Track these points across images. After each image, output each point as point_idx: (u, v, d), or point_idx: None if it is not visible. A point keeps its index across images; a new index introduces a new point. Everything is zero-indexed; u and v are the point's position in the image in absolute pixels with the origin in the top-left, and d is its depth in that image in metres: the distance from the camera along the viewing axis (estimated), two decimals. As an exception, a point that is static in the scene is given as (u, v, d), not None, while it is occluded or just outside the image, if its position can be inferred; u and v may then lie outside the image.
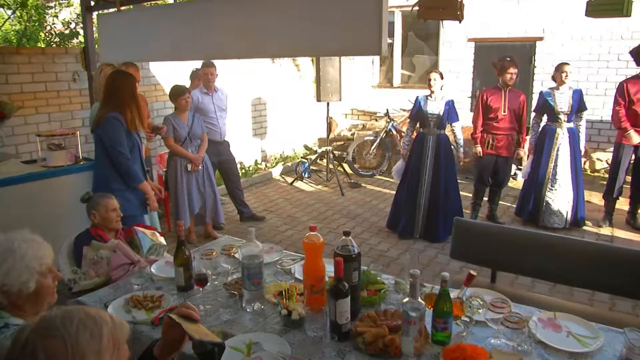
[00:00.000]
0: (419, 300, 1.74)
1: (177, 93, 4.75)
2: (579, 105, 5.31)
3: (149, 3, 4.56)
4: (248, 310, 2.10)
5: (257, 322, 2.03)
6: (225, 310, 2.08)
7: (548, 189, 5.44)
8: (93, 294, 2.34)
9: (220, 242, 2.98)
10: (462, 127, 5.44)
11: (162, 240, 3.13)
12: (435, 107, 5.11)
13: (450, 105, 5.16)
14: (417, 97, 5.28)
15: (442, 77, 5.19)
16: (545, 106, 5.41)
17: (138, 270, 2.60)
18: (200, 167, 4.90)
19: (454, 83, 8.67)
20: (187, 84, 5.26)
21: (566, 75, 5.25)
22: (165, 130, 4.69)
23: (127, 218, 3.15)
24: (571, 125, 5.36)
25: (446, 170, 5.17)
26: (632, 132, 5.20)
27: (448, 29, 8.86)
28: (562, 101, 5.29)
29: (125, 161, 3.37)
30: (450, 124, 5.25)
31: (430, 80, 5.14)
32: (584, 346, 1.80)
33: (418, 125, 5.30)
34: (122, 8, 4.13)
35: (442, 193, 5.13)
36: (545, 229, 5.28)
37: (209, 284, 2.24)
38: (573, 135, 5.36)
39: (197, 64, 5.67)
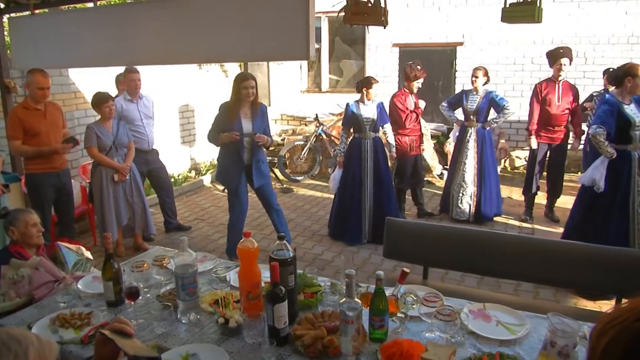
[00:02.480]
0: (356, 300, 1.77)
1: (100, 101, 4.56)
2: (488, 106, 5.65)
3: (66, 7, 4.36)
4: (183, 321, 2.05)
5: (194, 332, 1.98)
6: (160, 323, 2.02)
7: (456, 184, 5.76)
8: (14, 315, 2.20)
9: (152, 254, 2.89)
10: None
11: (88, 254, 3.00)
12: (368, 111, 5.21)
13: (381, 108, 5.30)
14: (348, 103, 5.36)
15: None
16: (459, 105, 5.79)
17: (63, 287, 2.47)
18: (127, 177, 4.74)
19: (380, 87, 8.88)
20: (111, 90, 5.05)
21: (475, 80, 5.60)
22: (81, 143, 4.49)
23: None
24: (480, 125, 5.70)
25: (385, 173, 5.33)
26: (532, 138, 5.66)
27: (373, 34, 9.08)
28: (473, 102, 5.62)
29: None
30: (382, 126, 5.39)
31: (371, 91, 5.24)
32: (512, 333, 1.89)
33: (352, 130, 5.39)
34: (37, 11, 3.92)
35: (385, 195, 5.26)
36: (454, 221, 5.71)
37: (141, 297, 2.17)
38: (482, 135, 5.68)
39: (121, 69, 5.47)
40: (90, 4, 3.91)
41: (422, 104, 5.73)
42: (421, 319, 1.94)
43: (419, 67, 5.51)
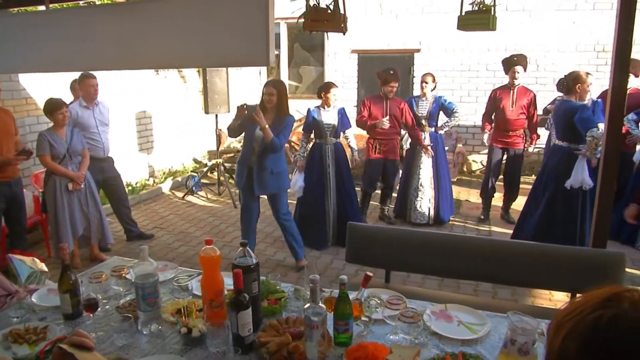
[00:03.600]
0: (320, 304, 1.77)
1: (53, 107, 4.42)
2: (438, 111, 5.80)
3: (16, 9, 4.21)
4: (145, 332, 2.00)
5: (155, 344, 1.94)
6: (120, 335, 1.96)
7: (413, 189, 5.85)
8: (-37, 332, 2.10)
9: (110, 264, 2.81)
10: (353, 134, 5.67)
11: (42, 266, 2.89)
12: (329, 116, 5.24)
13: (342, 114, 5.34)
14: (309, 108, 5.38)
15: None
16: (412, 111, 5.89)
17: (17, 301, 2.37)
18: (82, 186, 4.60)
19: (339, 93, 8.95)
20: (65, 96, 4.89)
21: (425, 85, 5.73)
22: (34, 153, 4.35)
23: None
24: (432, 130, 5.82)
25: (348, 178, 5.35)
26: (485, 134, 5.99)
27: (332, 40, 9.14)
28: (423, 107, 5.74)
29: None
30: (344, 132, 5.43)
31: (330, 95, 5.25)
32: (473, 333, 1.93)
33: (312, 136, 5.41)
34: (-16, 15, 3.77)
35: (347, 199, 5.29)
36: (412, 225, 5.81)
37: (99, 308, 2.10)
38: (435, 139, 5.82)
39: (76, 75, 5.32)
40: (42, 7, 3.79)
41: (384, 122, 5.53)
42: (385, 322, 1.96)
43: (391, 72, 5.57)
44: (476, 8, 3.76)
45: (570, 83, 4.52)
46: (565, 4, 8.08)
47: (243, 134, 4.51)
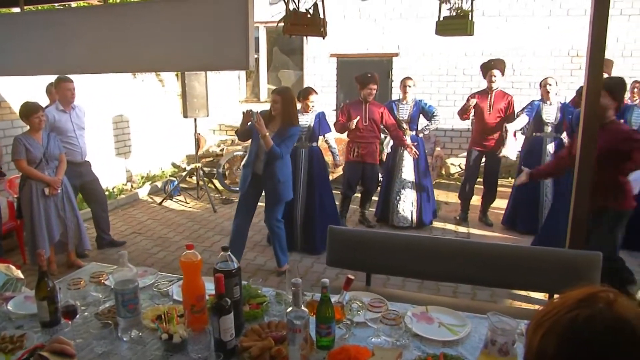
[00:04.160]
0: (303, 308, 1.77)
1: (30, 111, 4.34)
2: (419, 114, 5.84)
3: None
4: (125, 339, 1.98)
5: (136, 350, 1.92)
6: (100, 342, 1.93)
7: (395, 192, 5.88)
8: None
9: (88, 270, 2.76)
10: (333, 138, 5.70)
11: (18, 273, 2.83)
12: (305, 120, 5.25)
13: (320, 118, 5.34)
14: None
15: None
16: (392, 115, 5.91)
17: (-8, 309, 2.33)
18: (59, 191, 4.53)
19: (319, 97, 8.99)
20: (40, 99, 4.81)
21: (407, 89, 5.78)
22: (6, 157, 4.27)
23: None
24: (413, 133, 5.87)
25: (320, 182, 5.32)
26: (472, 100, 5.84)
27: (311, 44, 9.18)
28: (404, 111, 5.79)
29: None
30: (323, 135, 5.44)
31: (309, 103, 5.26)
32: (454, 334, 1.96)
33: None
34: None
35: (318, 205, 5.26)
36: (394, 228, 5.82)
37: (78, 315, 2.07)
38: (416, 142, 5.87)
39: (52, 78, 5.23)
40: (17, 9, 3.72)
41: (353, 122, 5.65)
42: (367, 325, 1.97)
43: (369, 75, 5.61)
44: (454, 13, 3.81)
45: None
46: (540, 10, 8.23)
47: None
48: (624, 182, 3.57)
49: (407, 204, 5.89)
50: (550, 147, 5.52)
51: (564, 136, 5.44)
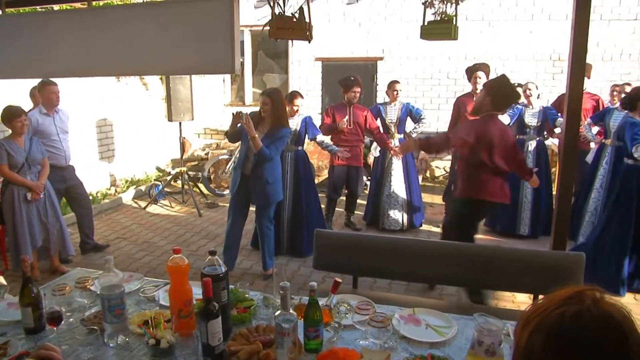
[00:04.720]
0: (291, 311, 1.78)
1: (12, 115, 4.28)
2: (407, 117, 5.90)
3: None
4: (111, 345, 1.96)
5: (123, 356, 1.90)
6: (86, 348, 1.92)
7: (385, 196, 5.91)
8: None
9: (73, 276, 2.74)
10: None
11: (1, 280, 2.80)
12: (291, 124, 5.23)
13: (307, 121, 5.33)
14: None
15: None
16: (380, 118, 5.95)
17: (-26, 316, 2.29)
18: (41, 196, 4.48)
19: (304, 100, 9.00)
20: (23, 103, 4.74)
21: (397, 93, 5.82)
22: None
23: None
24: (402, 136, 5.92)
25: (307, 186, 5.32)
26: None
27: (296, 48, 9.19)
28: (392, 114, 5.83)
29: None
30: (315, 138, 5.44)
31: (294, 106, 5.25)
32: (441, 335, 1.97)
33: None
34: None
35: (304, 208, 5.26)
36: (385, 231, 5.83)
37: (63, 321, 2.05)
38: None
39: (35, 82, 5.17)
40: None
41: (344, 122, 5.73)
42: (355, 327, 1.98)
43: (352, 78, 5.64)
44: (438, 18, 3.85)
45: (635, 98, 4.41)
46: (523, 15, 8.34)
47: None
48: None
49: (398, 207, 5.91)
50: (532, 148, 5.65)
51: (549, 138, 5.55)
